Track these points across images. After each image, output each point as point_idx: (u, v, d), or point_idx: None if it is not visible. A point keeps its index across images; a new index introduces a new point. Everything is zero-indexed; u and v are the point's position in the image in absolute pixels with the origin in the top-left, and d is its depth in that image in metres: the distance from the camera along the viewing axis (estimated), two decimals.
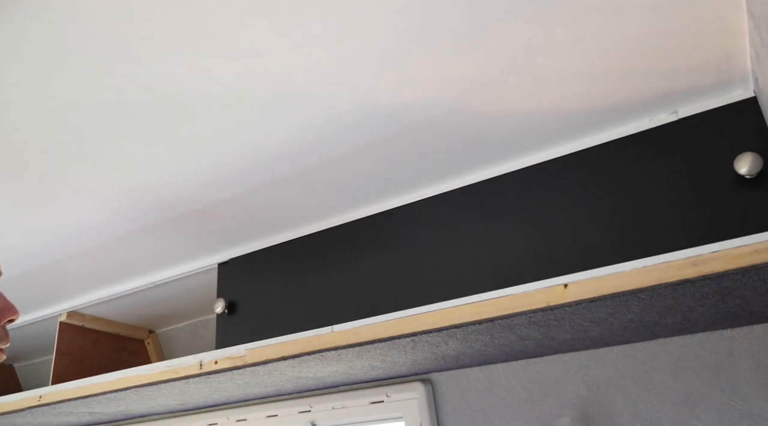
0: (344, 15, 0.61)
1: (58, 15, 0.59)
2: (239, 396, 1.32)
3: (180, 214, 1.01)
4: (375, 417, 1.25)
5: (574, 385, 1.06)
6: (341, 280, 1.00)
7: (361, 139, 0.83)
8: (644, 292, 0.70)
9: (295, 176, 0.91)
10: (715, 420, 0.93)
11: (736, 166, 0.71)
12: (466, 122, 0.81)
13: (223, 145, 0.82)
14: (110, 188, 0.91)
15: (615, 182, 0.81)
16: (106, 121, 0.75)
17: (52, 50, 0.63)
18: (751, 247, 0.65)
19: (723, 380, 0.94)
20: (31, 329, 1.52)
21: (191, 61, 0.66)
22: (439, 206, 0.95)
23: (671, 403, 0.97)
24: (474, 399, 1.15)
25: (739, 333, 0.95)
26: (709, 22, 0.65)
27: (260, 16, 0.61)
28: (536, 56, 0.69)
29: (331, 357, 0.95)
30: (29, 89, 0.68)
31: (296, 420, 1.34)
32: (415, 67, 0.69)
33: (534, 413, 1.08)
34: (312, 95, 0.73)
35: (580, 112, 0.80)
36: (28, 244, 1.08)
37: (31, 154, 0.81)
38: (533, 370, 1.11)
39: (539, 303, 0.75)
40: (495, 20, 0.63)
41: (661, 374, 0.99)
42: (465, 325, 0.80)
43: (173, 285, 1.27)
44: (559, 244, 0.82)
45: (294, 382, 1.17)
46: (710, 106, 0.78)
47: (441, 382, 1.20)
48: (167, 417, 1.57)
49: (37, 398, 1.25)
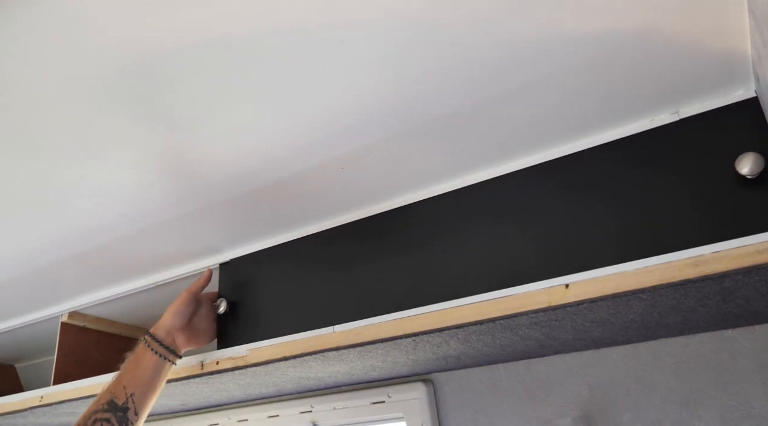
0: (345, 15, 0.61)
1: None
2: (240, 396, 1.32)
3: (181, 214, 1.01)
4: (376, 417, 1.25)
5: (576, 386, 1.06)
6: (342, 280, 1.01)
7: (362, 139, 0.83)
8: (645, 293, 0.70)
9: (296, 176, 0.92)
10: (717, 420, 0.93)
11: (738, 166, 0.71)
12: (467, 122, 0.81)
13: (223, 145, 0.82)
14: (111, 188, 0.91)
15: (616, 182, 0.81)
16: (106, 120, 0.75)
17: (48, 46, 0.63)
18: (752, 247, 0.65)
19: (725, 380, 0.94)
20: (32, 330, 1.52)
21: (191, 59, 0.66)
22: (440, 206, 0.96)
23: (673, 403, 0.97)
24: (475, 399, 1.15)
25: (740, 333, 0.95)
26: (710, 22, 0.65)
27: (261, 16, 0.61)
28: (537, 56, 0.69)
29: (332, 357, 0.95)
30: (29, 85, 0.69)
31: (297, 420, 1.34)
32: (416, 67, 0.69)
33: (535, 413, 1.08)
34: (313, 94, 0.73)
35: (581, 112, 0.80)
36: (30, 244, 1.08)
37: (31, 153, 0.81)
38: (535, 370, 1.11)
39: (541, 303, 0.75)
40: (496, 20, 0.63)
41: (662, 374, 0.99)
42: (466, 326, 0.80)
43: (175, 285, 1.27)
44: (560, 244, 0.82)
45: (295, 383, 1.17)
46: (711, 106, 0.78)
47: (442, 383, 1.20)
48: (168, 417, 1.57)
49: (39, 398, 1.25)
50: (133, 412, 0.89)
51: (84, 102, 0.71)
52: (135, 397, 0.90)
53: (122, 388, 0.91)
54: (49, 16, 0.58)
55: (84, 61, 0.64)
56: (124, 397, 0.89)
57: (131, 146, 0.81)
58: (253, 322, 1.08)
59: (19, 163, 0.83)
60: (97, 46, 0.62)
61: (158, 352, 0.96)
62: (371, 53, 0.66)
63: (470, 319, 0.80)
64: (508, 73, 0.71)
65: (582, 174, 0.85)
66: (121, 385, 0.91)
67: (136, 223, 1.03)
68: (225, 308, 1.10)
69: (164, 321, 0.99)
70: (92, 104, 0.71)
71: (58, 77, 0.67)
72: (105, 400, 0.91)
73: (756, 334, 0.94)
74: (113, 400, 0.89)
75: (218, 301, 1.12)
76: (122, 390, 0.90)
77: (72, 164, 0.84)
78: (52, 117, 0.73)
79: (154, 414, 1.52)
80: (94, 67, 0.65)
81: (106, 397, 0.91)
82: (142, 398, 0.92)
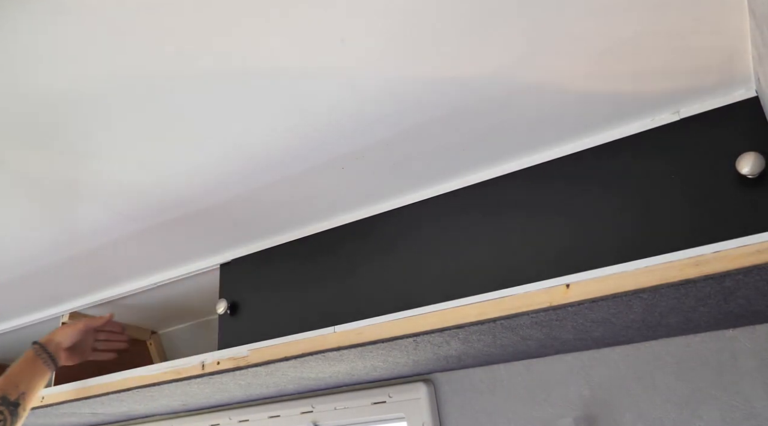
0: (345, 15, 0.61)
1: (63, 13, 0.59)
2: (241, 396, 1.32)
3: (182, 215, 1.01)
4: (377, 417, 1.25)
5: (577, 386, 1.06)
6: (343, 280, 1.01)
7: (362, 139, 0.83)
8: (646, 292, 0.70)
9: (297, 176, 0.92)
10: (718, 420, 0.93)
11: (738, 165, 0.71)
12: (467, 122, 0.81)
13: (224, 145, 0.82)
14: (112, 189, 0.91)
15: (617, 182, 0.81)
16: (108, 120, 0.75)
17: (50, 46, 0.63)
18: (753, 247, 0.65)
19: (726, 380, 0.94)
20: (33, 330, 1.52)
21: (192, 60, 0.66)
22: (441, 206, 0.95)
23: (674, 403, 0.97)
24: (476, 399, 1.15)
25: (741, 333, 0.95)
26: (710, 22, 0.65)
27: (260, 16, 0.61)
28: (538, 56, 0.69)
29: (333, 357, 0.95)
30: (31, 87, 0.69)
31: (298, 420, 1.34)
32: (417, 67, 0.69)
33: (536, 413, 1.08)
34: (313, 95, 0.73)
35: (582, 112, 0.80)
36: (31, 245, 1.08)
37: (32, 154, 0.81)
38: (535, 370, 1.11)
39: (541, 303, 0.75)
40: (497, 20, 0.63)
41: (663, 374, 0.99)
42: (467, 326, 0.80)
43: (175, 286, 1.27)
44: (560, 244, 0.82)
45: (296, 383, 1.17)
46: (712, 106, 0.78)
47: (443, 383, 1.20)
48: (170, 417, 1.57)
49: (40, 399, 1.25)
50: (22, 408, 1.08)
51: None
52: (25, 395, 1.09)
53: (15, 386, 1.08)
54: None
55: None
56: (16, 394, 1.07)
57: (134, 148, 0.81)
58: (253, 323, 1.08)
59: (19, 164, 0.83)
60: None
61: (46, 363, 1.14)
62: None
63: (471, 319, 0.80)
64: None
65: (583, 174, 0.85)
66: (13, 384, 1.08)
67: (137, 224, 1.03)
68: (225, 309, 1.10)
69: (55, 338, 1.17)
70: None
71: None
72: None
73: (757, 334, 0.94)
74: (6, 396, 1.06)
75: (219, 301, 1.12)
76: (15, 388, 1.08)
77: (73, 165, 0.84)
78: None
79: (155, 414, 1.52)
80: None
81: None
82: (29, 396, 1.10)
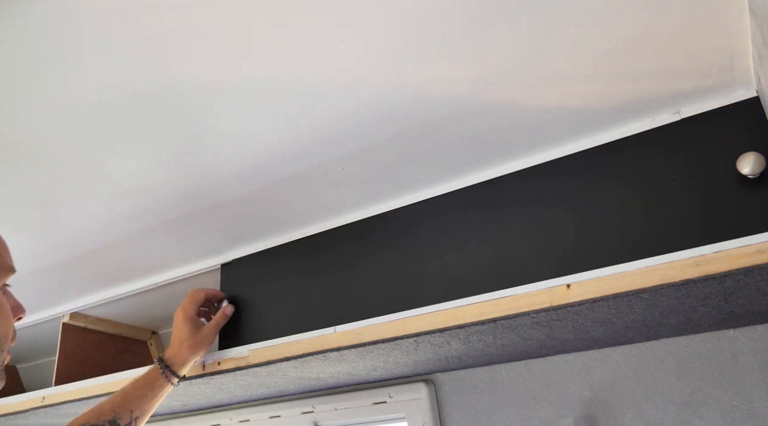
0: (345, 16, 0.61)
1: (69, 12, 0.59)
2: (242, 397, 1.32)
3: (183, 215, 1.01)
4: (378, 417, 1.25)
5: (577, 386, 1.06)
6: (344, 280, 1.01)
7: (363, 139, 0.83)
8: (647, 293, 0.70)
9: (298, 177, 0.92)
10: (719, 420, 0.93)
11: (739, 166, 0.71)
12: (468, 123, 0.81)
13: (225, 145, 0.82)
14: (113, 189, 0.91)
15: (617, 182, 0.81)
16: (110, 121, 0.75)
17: (58, 50, 0.63)
18: (753, 247, 0.65)
19: (726, 380, 0.94)
20: (34, 330, 1.52)
21: (194, 61, 0.66)
22: (442, 207, 0.96)
23: (674, 403, 0.97)
24: (477, 399, 1.15)
25: (742, 333, 0.95)
26: (711, 22, 0.65)
27: (261, 16, 0.61)
28: (540, 57, 0.69)
29: (333, 357, 0.95)
30: (33, 90, 0.69)
31: (299, 421, 1.34)
32: (418, 68, 0.69)
33: (537, 413, 1.08)
34: (314, 96, 0.73)
35: (583, 113, 0.80)
36: (31, 245, 1.08)
37: (34, 155, 0.81)
38: (536, 370, 1.11)
39: (542, 303, 0.75)
40: (498, 21, 0.63)
41: (664, 374, 0.99)
42: (468, 326, 0.80)
43: (176, 286, 1.27)
44: (561, 244, 0.82)
45: (297, 383, 1.17)
46: (713, 106, 0.78)
47: (444, 383, 1.20)
48: (170, 418, 1.57)
49: (41, 399, 1.25)
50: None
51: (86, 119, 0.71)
52: (138, 420, 0.93)
53: (129, 411, 0.92)
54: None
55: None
56: (128, 419, 0.92)
57: (137, 151, 0.81)
58: (254, 323, 1.08)
59: (19, 164, 0.83)
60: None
61: (170, 380, 0.99)
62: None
63: (471, 319, 0.80)
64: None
65: (583, 174, 0.85)
66: (128, 407, 0.93)
67: (138, 224, 1.03)
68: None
69: (179, 355, 1.01)
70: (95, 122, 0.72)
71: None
72: (107, 417, 0.91)
73: (757, 334, 0.94)
74: (116, 420, 0.91)
75: (222, 303, 1.12)
76: (128, 413, 0.92)
77: (73, 165, 0.84)
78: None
79: (155, 414, 1.52)
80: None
81: (108, 414, 0.92)
82: (141, 420, 0.95)
